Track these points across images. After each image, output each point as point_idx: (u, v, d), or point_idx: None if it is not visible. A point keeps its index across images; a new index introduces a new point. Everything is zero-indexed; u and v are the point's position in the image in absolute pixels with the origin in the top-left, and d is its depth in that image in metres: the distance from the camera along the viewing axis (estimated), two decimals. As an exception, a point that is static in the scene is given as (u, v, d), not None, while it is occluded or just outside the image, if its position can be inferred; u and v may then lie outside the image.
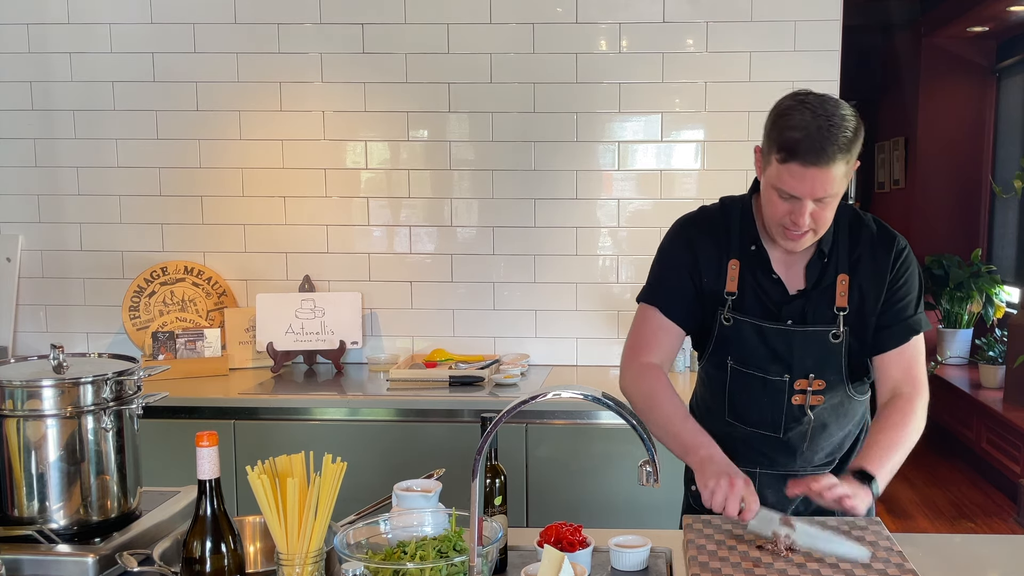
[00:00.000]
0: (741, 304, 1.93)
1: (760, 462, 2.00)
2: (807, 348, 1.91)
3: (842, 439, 2.03)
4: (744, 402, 1.99)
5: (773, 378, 1.94)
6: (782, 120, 1.73)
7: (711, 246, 1.95)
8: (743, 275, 1.92)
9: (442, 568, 1.42)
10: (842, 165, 1.72)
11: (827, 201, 1.76)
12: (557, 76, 3.51)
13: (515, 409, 1.41)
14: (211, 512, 1.38)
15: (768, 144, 1.77)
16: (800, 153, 1.69)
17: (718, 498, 1.71)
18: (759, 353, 1.93)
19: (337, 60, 3.56)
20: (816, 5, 3.41)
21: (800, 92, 1.78)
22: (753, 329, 1.92)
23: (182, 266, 3.65)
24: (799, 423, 1.96)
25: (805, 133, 1.69)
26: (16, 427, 1.64)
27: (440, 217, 3.62)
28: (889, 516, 4.76)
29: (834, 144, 1.68)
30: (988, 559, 1.83)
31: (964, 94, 6.56)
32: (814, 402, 1.94)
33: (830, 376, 1.93)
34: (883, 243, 1.91)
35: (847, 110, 1.73)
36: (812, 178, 1.71)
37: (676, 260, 1.99)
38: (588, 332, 3.61)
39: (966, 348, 6.09)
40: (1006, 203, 6.14)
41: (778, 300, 1.91)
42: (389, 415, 3.12)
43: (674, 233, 2.03)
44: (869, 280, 1.89)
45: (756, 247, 1.92)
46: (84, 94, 3.62)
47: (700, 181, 3.52)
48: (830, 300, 1.90)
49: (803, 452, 1.99)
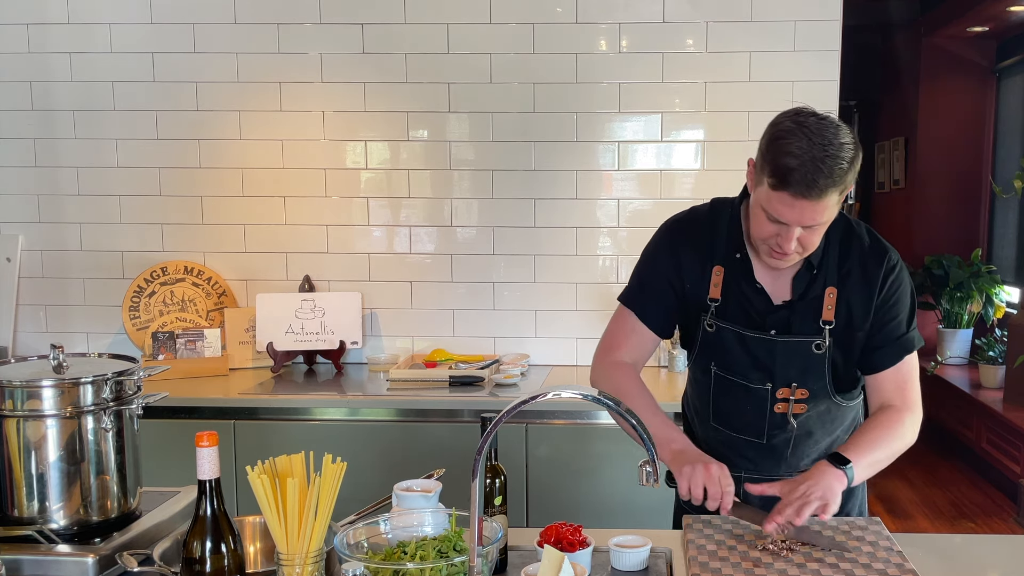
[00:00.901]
0: (724, 311, 1.91)
1: (744, 466, 1.98)
2: (789, 358, 1.88)
3: (829, 444, 2.00)
4: (728, 408, 1.97)
5: (755, 386, 1.92)
6: (778, 144, 1.68)
7: (695, 251, 1.93)
8: (727, 282, 1.90)
9: (442, 568, 1.42)
10: (834, 195, 1.68)
11: (816, 228, 1.74)
12: (557, 76, 3.51)
13: (515, 409, 1.41)
14: (211, 512, 1.38)
15: (761, 164, 1.73)
16: (792, 184, 1.65)
17: (695, 484, 1.73)
18: (742, 361, 1.91)
19: (337, 60, 3.56)
20: (816, 5, 3.41)
21: (801, 112, 1.71)
22: (735, 337, 1.90)
23: (182, 266, 3.65)
24: (783, 430, 1.95)
25: (799, 163, 1.64)
26: (16, 427, 1.64)
27: (440, 217, 3.62)
28: (889, 516, 4.76)
29: (828, 178, 1.64)
30: (988, 559, 1.83)
31: (964, 94, 6.55)
32: (797, 410, 1.92)
33: (813, 385, 1.91)
34: (874, 257, 1.86)
35: (846, 137, 1.68)
36: (802, 208, 1.68)
37: (658, 265, 1.97)
38: (588, 332, 3.61)
39: (966, 348, 6.09)
40: (1006, 203, 6.14)
41: (762, 310, 1.89)
42: (389, 415, 3.12)
43: (659, 237, 2.01)
44: (857, 295, 1.85)
45: (741, 255, 1.89)
46: (84, 94, 3.62)
47: (700, 181, 3.52)
48: (816, 312, 1.86)
49: (788, 458, 1.98)
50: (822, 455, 1.99)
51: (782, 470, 1.98)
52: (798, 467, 1.98)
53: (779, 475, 1.97)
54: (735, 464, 1.95)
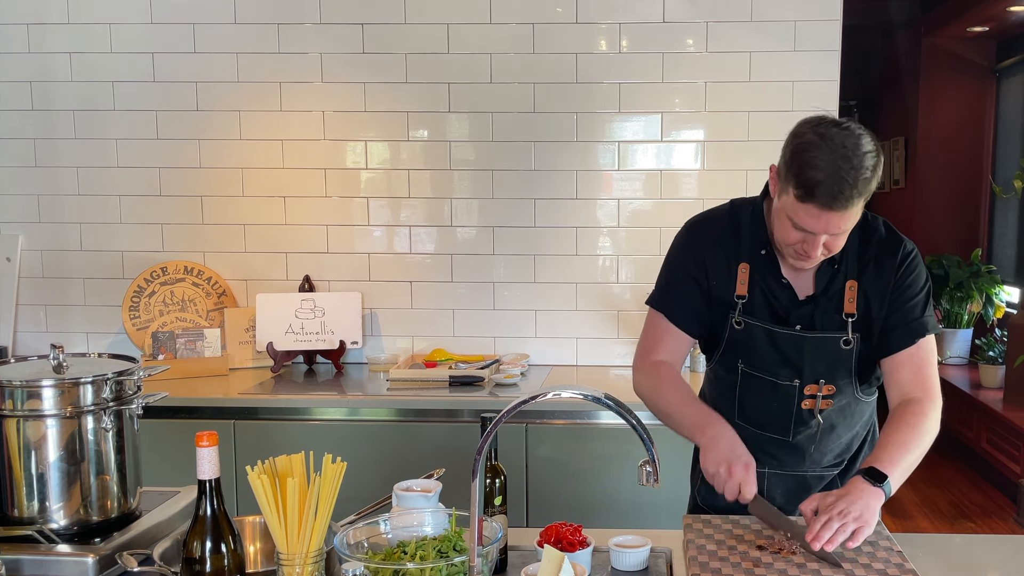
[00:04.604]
0: (751, 308, 1.92)
1: (768, 463, 2.00)
2: (818, 354, 1.90)
3: (850, 440, 2.03)
4: (754, 405, 1.99)
5: (783, 382, 1.94)
6: (802, 157, 1.70)
7: (719, 250, 1.94)
8: (752, 278, 1.92)
9: (442, 568, 1.42)
10: (859, 203, 1.72)
11: (841, 234, 1.77)
12: (557, 76, 3.51)
13: (515, 409, 1.41)
14: (211, 512, 1.38)
15: (786, 174, 1.75)
16: (818, 197, 1.69)
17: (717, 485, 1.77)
18: (770, 357, 1.93)
19: (337, 60, 3.56)
20: (816, 5, 3.40)
21: (822, 123, 1.73)
22: (764, 333, 1.92)
23: (182, 266, 3.65)
24: (808, 426, 1.96)
25: (824, 176, 1.67)
26: (16, 427, 1.64)
27: (440, 217, 3.62)
28: (889, 516, 4.75)
29: (853, 188, 1.68)
30: (988, 559, 1.83)
31: (964, 94, 6.55)
32: (824, 406, 1.94)
33: (840, 381, 1.93)
34: (890, 247, 1.90)
35: (868, 144, 1.70)
36: (828, 219, 1.71)
37: (683, 266, 1.98)
38: (588, 332, 3.61)
39: (966, 348, 6.09)
40: (1006, 203, 6.14)
41: (787, 305, 1.91)
42: (389, 415, 3.12)
43: (681, 238, 2.02)
44: (875, 284, 1.89)
45: (766, 251, 1.91)
46: (84, 94, 3.62)
47: (700, 181, 3.52)
48: (838, 306, 1.89)
49: (811, 454, 2.00)
50: (844, 450, 2.03)
51: (806, 465, 2.00)
52: (821, 463, 2.01)
53: (802, 471, 2.00)
54: (759, 460, 1.97)
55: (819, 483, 2.02)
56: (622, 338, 3.58)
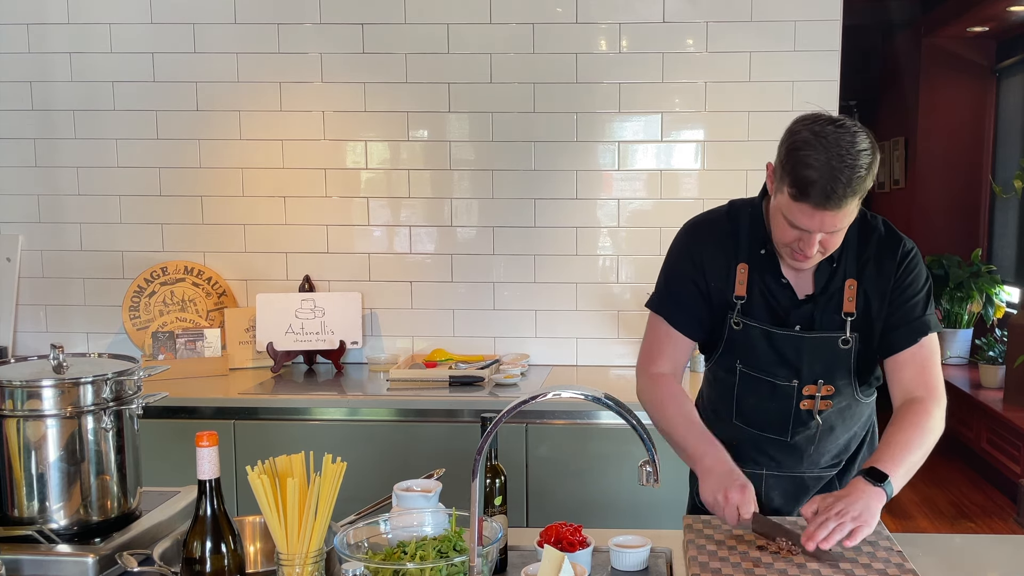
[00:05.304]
0: (749, 308, 1.92)
1: (766, 464, 2.00)
2: (817, 354, 1.90)
3: (848, 441, 2.03)
4: (752, 406, 1.98)
5: (782, 383, 1.93)
6: (796, 155, 1.70)
7: (718, 251, 1.94)
8: (752, 278, 1.91)
9: (442, 568, 1.42)
10: (854, 202, 1.71)
11: (837, 232, 1.77)
12: (557, 76, 3.51)
13: (515, 409, 1.41)
14: (211, 512, 1.38)
15: (781, 173, 1.75)
16: (812, 196, 1.68)
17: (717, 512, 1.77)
18: (768, 358, 1.92)
19: (337, 60, 3.56)
20: (816, 5, 3.40)
21: (818, 121, 1.72)
22: (762, 334, 1.91)
23: (182, 266, 3.65)
24: (807, 427, 1.96)
25: (818, 175, 1.67)
26: (16, 427, 1.64)
27: (440, 217, 3.62)
28: (889, 516, 4.76)
29: (847, 188, 1.67)
30: (988, 559, 1.83)
31: (964, 94, 6.55)
32: (823, 407, 1.94)
33: (839, 381, 1.93)
34: (889, 246, 1.89)
35: (863, 143, 1.69)
36: (822, 217, 1.71)
37: (682, 268, 1.98)
38: (588, 332, 3.61)
39: (966, 348, 6.09)
40: (1006, 203, 6.14)
41: (787, 305, 1.90)
42: (389, 415, 3.12)
43: (679, 240, 2.02)
44: (874, 283, 1.88)
45: (766, 251, 1.91)
46: (84, 94, 3.62)
47: (700, 181, 3.52)
48: (837, 305, 1.89)
49: (810, 455, 1.99)
50: (842, 451, 2.03)
51: (804, 466, 2.00)
52: (819, 463, 2.01)
53: (800, 472, 2.00)
54: (757, 462, 1.97)
55: (817, 484, 2.02)
56: (622, 338, 3.58)
